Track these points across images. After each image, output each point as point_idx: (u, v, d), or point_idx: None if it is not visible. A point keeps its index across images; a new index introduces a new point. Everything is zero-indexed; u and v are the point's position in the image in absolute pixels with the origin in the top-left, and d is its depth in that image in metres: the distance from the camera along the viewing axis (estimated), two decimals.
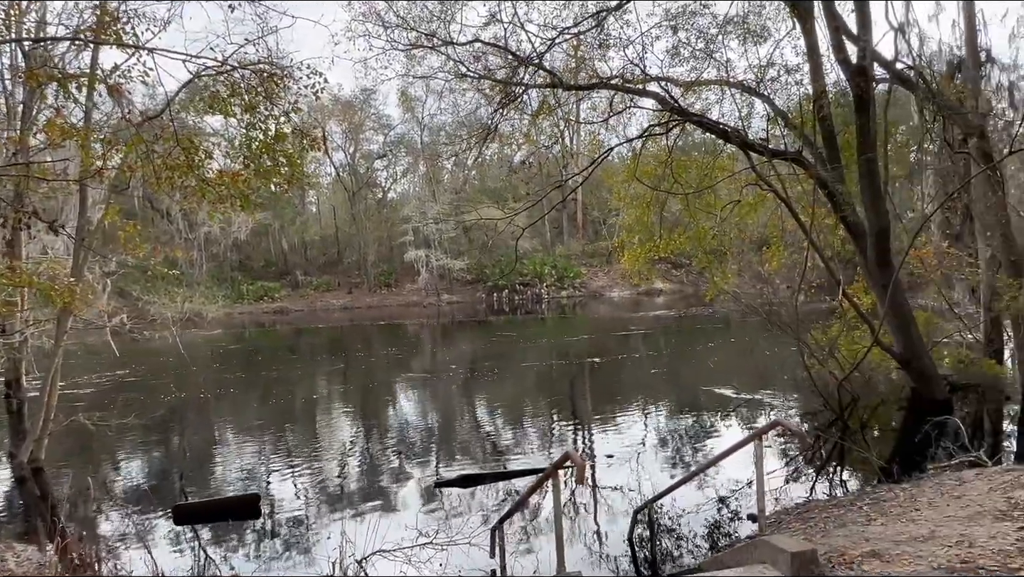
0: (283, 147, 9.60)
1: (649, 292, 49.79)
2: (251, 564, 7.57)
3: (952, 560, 4.52)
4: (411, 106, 52.57)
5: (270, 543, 8.24)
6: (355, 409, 16.45)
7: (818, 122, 13.27)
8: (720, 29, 13.67)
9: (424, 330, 36.97)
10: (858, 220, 13.13)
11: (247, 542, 8.31)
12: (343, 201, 58.37)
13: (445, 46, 14.47)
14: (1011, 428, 12.42)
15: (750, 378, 17.57)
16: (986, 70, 16.14)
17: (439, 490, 9.75)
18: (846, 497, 8.00)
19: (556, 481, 4.68)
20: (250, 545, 8.22)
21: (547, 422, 14.34)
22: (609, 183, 22.44)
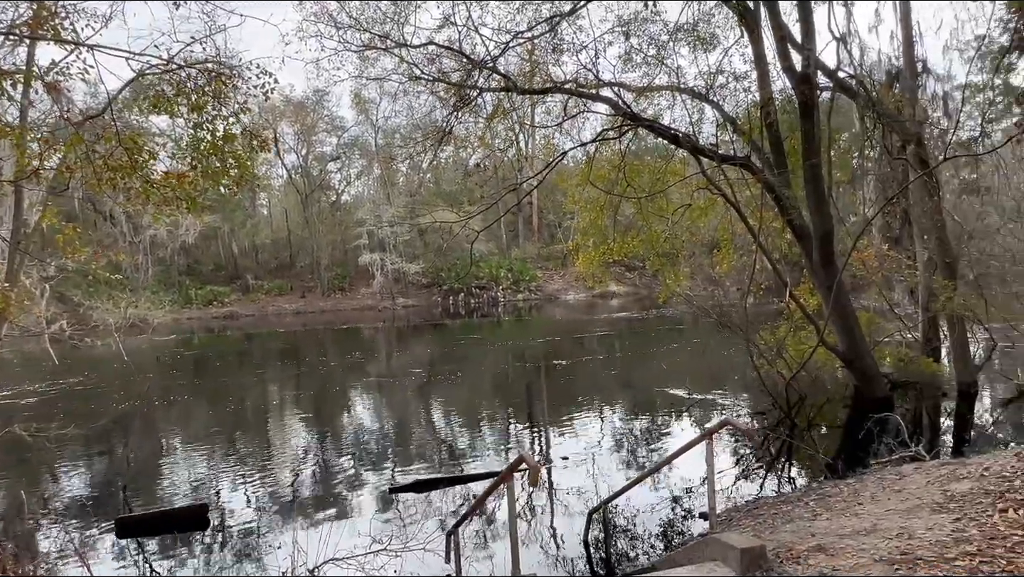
0: (232, 148, 9.39)
1: (604, 295, 50.31)
2: (202, 574, 7.36)
3: (892, 552, 4.67)
4: (365, 108, 52.17)
5: (219, 554, 8.02)
6: (309, 415, 16.15)
7: (765, 128, 13.63)
8: (671, 36, 13.94)
9: (379, 334, 36.59)
10: (804, 223, 13.52)
11: (195, 553, 8.07)
12: (296, 204, 57.40)
13: (399, 48, 14.39)
14: (948, 424, 12.94)
15: (702, 379, 17.90)
16: (922, 80, 16.82)
17: (394, 495, 9.65)
18: (794, 493, 8.21)
19: (510, 484, 4.68)
20: (198, 556, 7.99)
21: (504, 425, 14.35)
22: (563, 187, 22.63)
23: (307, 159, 58.02)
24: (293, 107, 53.14)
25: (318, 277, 54.45)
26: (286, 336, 36.66)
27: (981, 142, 15.39)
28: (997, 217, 18.21)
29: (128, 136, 8.17)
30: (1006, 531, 4.70)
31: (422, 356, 26.69)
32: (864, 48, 23.08)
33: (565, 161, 22.26)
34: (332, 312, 49.96)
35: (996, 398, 14.20)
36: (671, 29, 13.90)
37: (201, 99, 8.82)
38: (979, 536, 4.71)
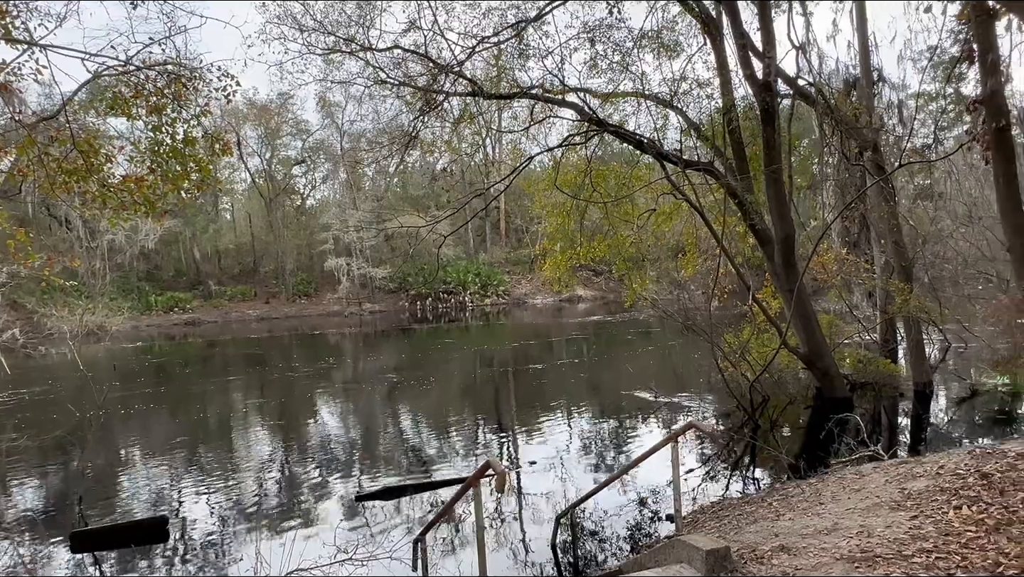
0: (193, 151, 9.22)
1: (571, 299, 50.57)
2: None
3: (853, 550, 4.77)
4: (330, 111, 51.69)
5: (179, 567, 7.82)
6: (274, 423, 15.89)
7: (728, 134, 13.86)
8: (636, 43, 14.10)
9: (346, 340, 36.19)
10: (766, 228, 13.78)
11: (154, 567, 7.86)
12: (259, 208, 56.58)
13: (364, 52, 14.30)
14: (905, 423, 13.28)
15: (669, 381, 18.08)
16: (878, 88, 17.31)
17: (361, 503, 9.53)
18: (758, 494, 8.33)
19: (478, 490, 4.66)
20: (157, 570, 7.78)
21: (472, 430, 14.30)
22: (530, 191, 22.68)
23: (271, 163, 57.25)
24: (257, 110, 52.43)
25: (283, 282, 53.68)
26: (250, 342, 36.04)
27: (934, 149, 15.91)
28: (950, 222, 18.81)
29: (84, 139, 7.97)
30: (960, 528, 4.84)
31: (389, 362, 26.48)
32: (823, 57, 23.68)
33: (532, 166, 22.33)
34: (297, 318, 49.29)
35: (950, 397, 14.61)
36: (636, 36, 14.07)
37: (161, 101, 8.65)
38: (935, 533, 4.83)
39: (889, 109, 18.25)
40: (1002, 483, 5.49)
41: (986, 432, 11.59)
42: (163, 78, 8.78)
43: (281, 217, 55.42)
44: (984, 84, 8.73)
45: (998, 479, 5.61)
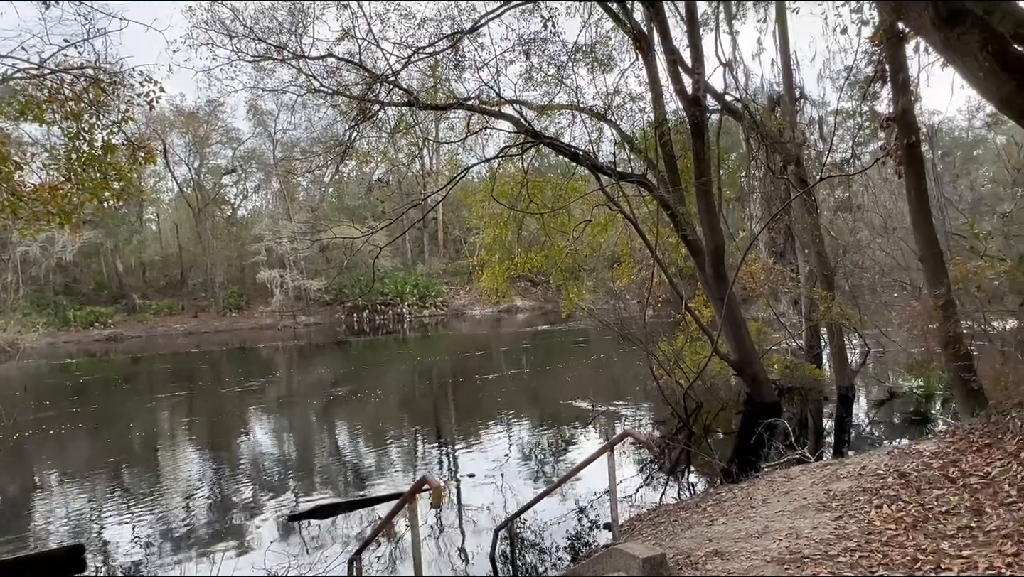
0: (114, 159, 8.82)
1: (510, 309, 50.70)
2: None
3: (782, 552, 4.91)
4: (262, 120, 50.41)
5: None
6: (203, 442, 15.27)
7: (660, 147, 14.21)
8: (570, 56, 14.33)
9: (279, 354, 35.21)
10: (697, 238, 14.17)
11: None
12: (187, 218, 54.56)
13: (296, 59, 14.05)
14: (830, 425, 13.83)
15: (606, 390, 18.30)
16: (800, 105, 18.09)
17: (294, 523, 9.24)
18: (693, 500, 8.50)
19: (413, 506, 4.57)
20: None
21: (411, 444, 14.10)
22: (467, 202, 22.67)
23: (200, 172, 55.37)
24: (184, 117, 50.62)
25: (212, 295, 51.83)
26: (177, 358, 34.64)
27: (852, 163, 16.69)
28: (867, 233, 19.78)
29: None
30: (881, 526, 5.04)
31: (325, 376, 25.88)
32: (748, 74, 24.59)
33: (470, 177, 22.35)
34: (228, 332, 47.66)
35: (871, 400, 15.32)
36: (570, 50, 14.30)
37: (79, 107, 8.26)
38: (858, 532, 5.03)
39: (810, 125, 19.09)
40: (918, 482, 5.76)
41: (904, 432, 12.19)
42: (81, 82, 8.39)
43: (210, 228, 53.58)
44: (896, 103, 9.23)
45: (915, 478, 5.88)
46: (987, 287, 9.73)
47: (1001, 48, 4.06)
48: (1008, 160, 17.79)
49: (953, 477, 5.61)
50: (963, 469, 5.70)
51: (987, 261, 10.70)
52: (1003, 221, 14.95)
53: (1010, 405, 6.35)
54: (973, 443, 6.15)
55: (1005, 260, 10.14)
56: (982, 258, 11.07)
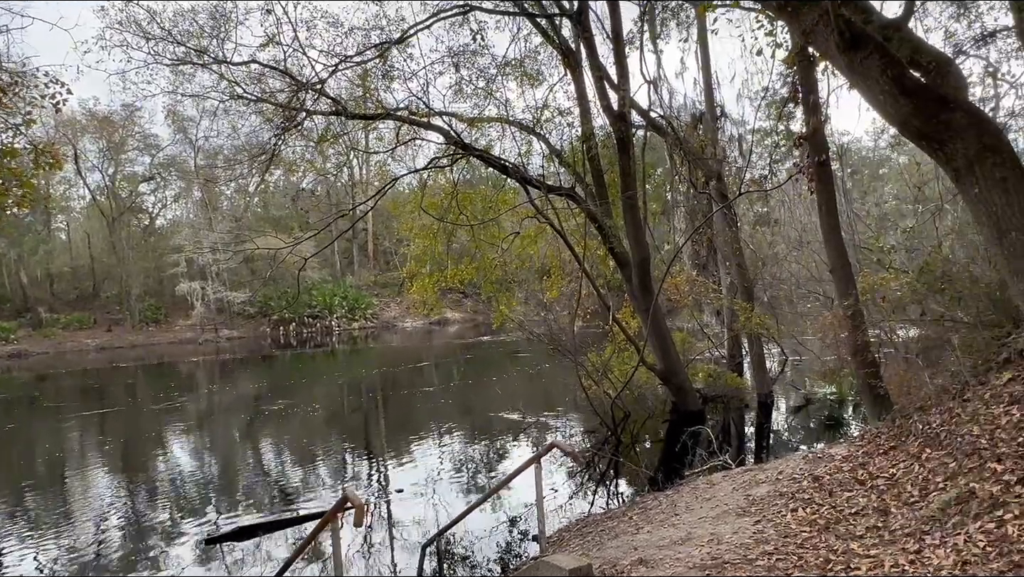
0: (16, 164, 8.32)
1: (441, 321, 50.36)
2: None
3: (704, 558, 5.02)
4: (182, 126, 48.43)
5: None
6: (116, 464, 14.45)
7: (588, 161, 14.46)
8: (499, 70, 14.44)
9: (200, 369, 33.81)
10: (624, 251, 14.46)
11: None
12: (101, 228, 51.74)
13: (218, 64, 13.60)
14: (750, 432, 14.32)
15: (537, 401, 18.39)
16: (721, 123, 18.81)
17: (214, 546, 8.84)
18: (619, 509, 8.60)
19: (335, 525, 4.44)
20: None
21: (339, 461, 13.76)
22: (396, 213, 22.46)
23: (115, 179, 52.68)
24: (97, 122, 48.11)
25: (128, 308, 49.26)
26: (88, 375, 32.76)
27: (770, 179, 17.42)
28: (784, 246, 20.70)
29: None
30: (797, 529, 5.23)
31: (249, 391, 25.00)
32: (672, 92, 25.33)
33: (400, 188, 22.17)
34: (145, 347, 45.43)
35: (788, 407, 15.96)
36: (499, 63, 14.41)
37: None
38: (775, 536, 5.19)
39: (731, 142, 19.88)
40: (831, 484, 6.01)
41: (819, 437, 12.74)
42: None
43: (126, 238, 51.01)
44: (808, 122, 9.72)
45: (827, 481, 6.13)
46: (891, 298, 10.31)
47: (899, 73, 4.33)
48: (909, 179, 18.99)
49: (862, 479, 5.88)
50: (871, 471, 5.97)
51: (891, 273, 11.36)
52: (906, 236, 15.92)
53: (912, 409, 6.71)
54: (880, 446, 6.47)
55: (907, 272, 10.78)
56: (888, 270, 11.75)
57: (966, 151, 4.11)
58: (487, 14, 14.31)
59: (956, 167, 4.21)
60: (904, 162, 31.58)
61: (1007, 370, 5.79)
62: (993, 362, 6.10)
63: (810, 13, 4.60)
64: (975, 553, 3.86)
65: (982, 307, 6.70)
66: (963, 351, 6.90)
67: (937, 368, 7.74)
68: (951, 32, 12.20)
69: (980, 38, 12.20)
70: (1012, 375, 5.65)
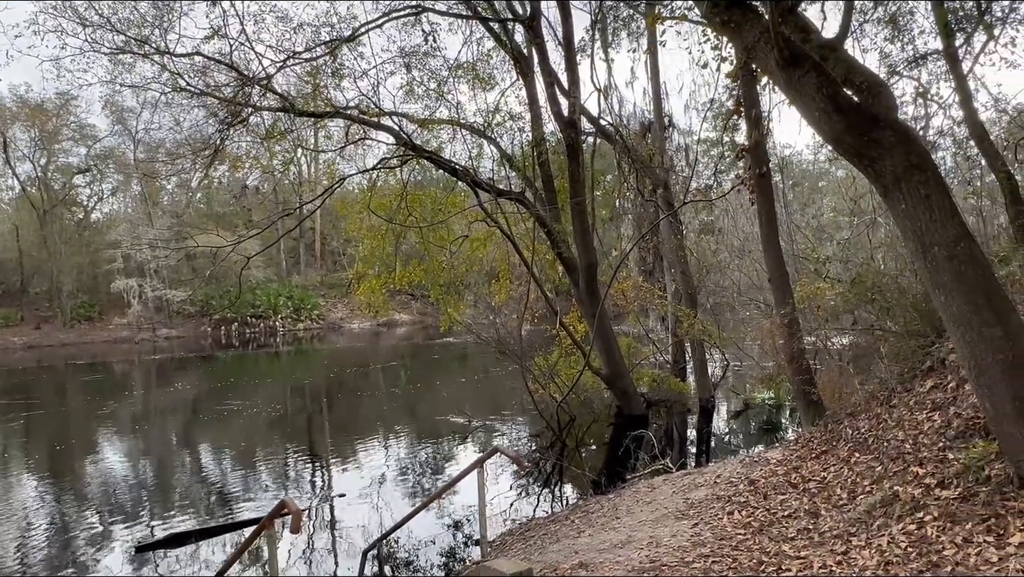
0: None
1: (389, 323, 49.85)
2: None
3: (643, 561, 5.10)
4: (121, 117, 46.68)
5: None
6: (40, 468, 13.78)
7: (538, 166, 14.56)
8: (451, 72, 14.41)
9: (136, 369, 32.60)
10: (572, 256, 14.59)
11: None
12: (31, 220, 49.34)
13: (160, 55, 13.16)
14: (692, 436, 14.62)
15: (484, 405, 18.36)
16: (669, 132, 19.21)
17: (144, 554, 8.52)
18: (562, 512, 8.66)
19: (272, 532, 4.35)
20: None
21: (281, 465, 13.45)
22: (344, 213, 22.14)
23: (48, 170, 50.36)
24: (29, 109, 45.93)
25: (59, 305, 47.13)
26: (13, 374, 31.20)
27: (715, 189, 17.86)
28: (727, 254, 21.23)
29: None
30: (732, 531, 5.37)
31: (187, 393, 24.23)
32: (622, 101, 25.81)
33: (349, 187, 21.83)
34: (77, 345, 43.55)
35: (729, 411, 16.36)
36: (451, 65, 14.38)
37: None
38: (712, 538, 5.31)
39: (678, 152, 20.31)
40: (765, 488, 6.19)
41: (757, 441, 13.10)
42: None
43: (58, 231, 48.76)
44: (749, 135, 10.00)
45: (762, 484, 6.32)
46: (826, 307, 10.69)
47: (834, 91, 4.49)
48: (846, 192, 19.75)
49: (795, 482, 6.07)
50: (803, 475, 6.18)
51: (827, 283, 11.77)
52: (841, 247, 16.53)
53: (843, 415, 6.98)
54: (812, 450, 6.70)
55: (842, 282, 11.19)
56: (824, 280, 12.17)
57: (894, 168, 4.30)
58: (440, 16, 14.27)
59: (885, 183, 4.39)
60: (841, 176, 32.80)
61: (930, 378, 6.07)
62: (918, 370, 6.39)
63: (752, 30, 4.74)
64: (897, 554, 4.03)
65: (909, 317, 7.01)
66: (891, 359, 7.21)
67: (867, 375, 8.07)
68: (886, 53, 12.77)
69: (913, 60, 12.81)
70: (934, 383, 5.93)
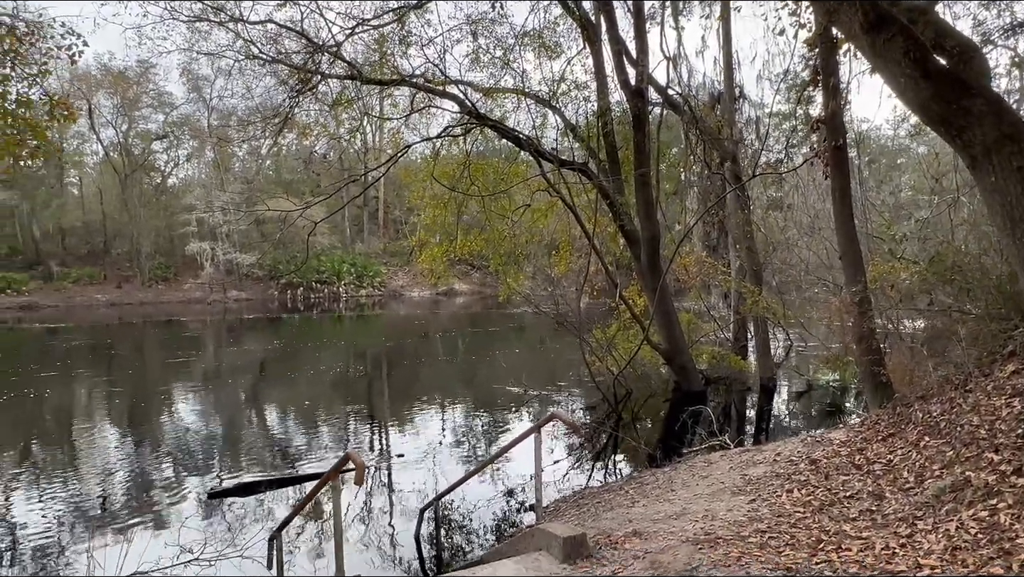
0: (30, 115, 8.32)
1: (448, 292, 50.51)
2: None
3: (697, 533, 5.08)
4: (197, 85, 48.25)
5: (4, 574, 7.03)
6: (122, 418, 14.67)
7: (602, 137, 14.34)
8: (518, 40, 14.24)
9: (208, 328, 34.11)
10: (634, 228, 14.40)
11: None
12: (113, 184, 51.86)
13: (235, 23, 13.50)
14: (751, 414, 14.36)
15: (540, 375, 18.49)
16: (740, 104, 18.54)
17: (215, 501, 9.00)
18: (617, 483, 8.70)
19: (336, 484, 4.52)
20: None
21: (342, 425, 13.92)
22: (407, 182, 22.39)
23: (128, 136, 52.68)
24: (113, 77, 47.94)
25: (138, 266, 49.63)
26: (97, 330, 33.09)
27: (786, 164, 17.24)
28: (796, 231, 20.54)
29: None
30: (791, 509, 5.28)
31: (255, 352, 25.23)
32: (691, 70, 25.07)
33: (412, 156, 22.06)
34: (153, 304, 45.85)
35: (791, 392, 15.97)
36: (518, 33, 14.22)
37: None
38: (769, 514, 5.25)
39: (748, 124, 19.61)
40: (827, 468, 6.05)
41: (819, 423, 12.77)
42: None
43: (138, 195, 51.15)
44: (826, 105, 9.59)
45: (824, 464, 6.17)
46: (900, 287, 10.24)
47: (922, 56, 4.26)
48: (927, 169, 18.77)
49: (859, 464, 5.91)
50: (868, 457, 6.01)
51: (902, 263, 11.27)
52: (919, 226, 15.76)
53: (914, 398, 6.72)
54: (879, 433, 6.49)
55: (918, 262, 10.70)
56: (898, 260, 11.65)
57: (984, 138, 4.06)
58: None
59: (973, 154, 4.15)
60: (923, 152, 31.17)
61: (1011, 363, 5.78)
62: (998, 354, 6.09)
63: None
64: (966, 539, 3.89)
65: (991, 299, 6.65)
66: (969, 342, 6.88)
67: (941, 358, 7.73)
68: (979, 20, 11.95)
69: (1009, 28, 11.93)
70: (1016, 368, 5.64)
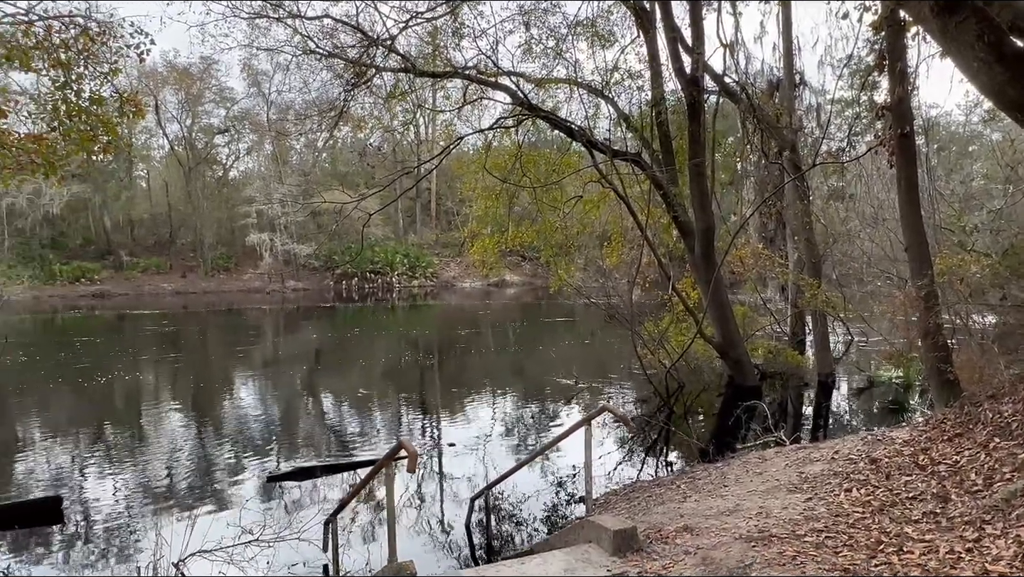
0: (102, 112, 8.68)
1: (500, 283, 50.72)
2: (49, 572, 6.79)
3: (751, 530, 4.99)
4: (256, 80, 49.50)
5: (76, 549, 7.43)
6: (187, 402, 15.28)
7: (656, 127, 14.12)
8: (570, 30, 14.13)
9: (267, 317, 35.15)
10: (688, 220, 14.16)
11: (50, 549, 7.44)
12: (178, 177, 53.86)
13: (292, 19, 13.79)
14: (808, 411, 13.99)
15: (590, 367, 18.41)
16: (799, 91, 18.00)
17: (273, 484, 9.30)
18: (668, 477, 8.61)
19: (389, 471, 4.61)
20: (52, 553, 7.37)
21: (395, 412, 14.17)
22: (460, 173, 22.53)
23: (192, 130, 54.57)
24: (177, 73, 49.69)
25: (201, 256, 51.49)
26: (164, 317, 34.49)
27: (848, 153, 16.65)
28: (858, 222, 19.84)
29: None
30: (849, 509, 5.13)
31: (312, 341, 25.89)
32: (749, 57, 24.40)
33: (464, 148, 22.19)
34: (216, 293, 47.48)
35: (850, 388, 15.49)
36: (571, 23, 14.10)
37: (66, 55, 8.10)
38: (826, 514, 5.11)
39: (808, 112, 19.02)
40: (888, 468, 5.86)
41: (880, 421, 12.34)
42: (70, 30, 8.22)
43: (201, 188, 53.01)
44: (892, 91, 9.20)
45: (885, 464, 5.98)
46: (970, 281, 9.80)
47: (997, 39, 4.05)
48: (1002, 157, 17.85)
49: (923, 464, 5.70)
50: (933, 457, 5.79)
51: (972, 255, 10.78)
52: (992, 217, 15.03)
53: (983, 397, 6.44)
54: (945, 432, 6.25)
55: (990, 255, 10.22)
56: (968, 252, 11.15)
57: None
58: None
59: None
60: (997, 139, 29.61)
61: None
62: None
63: None
64: None
65: None
66: None
67: (1014, 356, 7.38)
68: None
69: None
70: None
